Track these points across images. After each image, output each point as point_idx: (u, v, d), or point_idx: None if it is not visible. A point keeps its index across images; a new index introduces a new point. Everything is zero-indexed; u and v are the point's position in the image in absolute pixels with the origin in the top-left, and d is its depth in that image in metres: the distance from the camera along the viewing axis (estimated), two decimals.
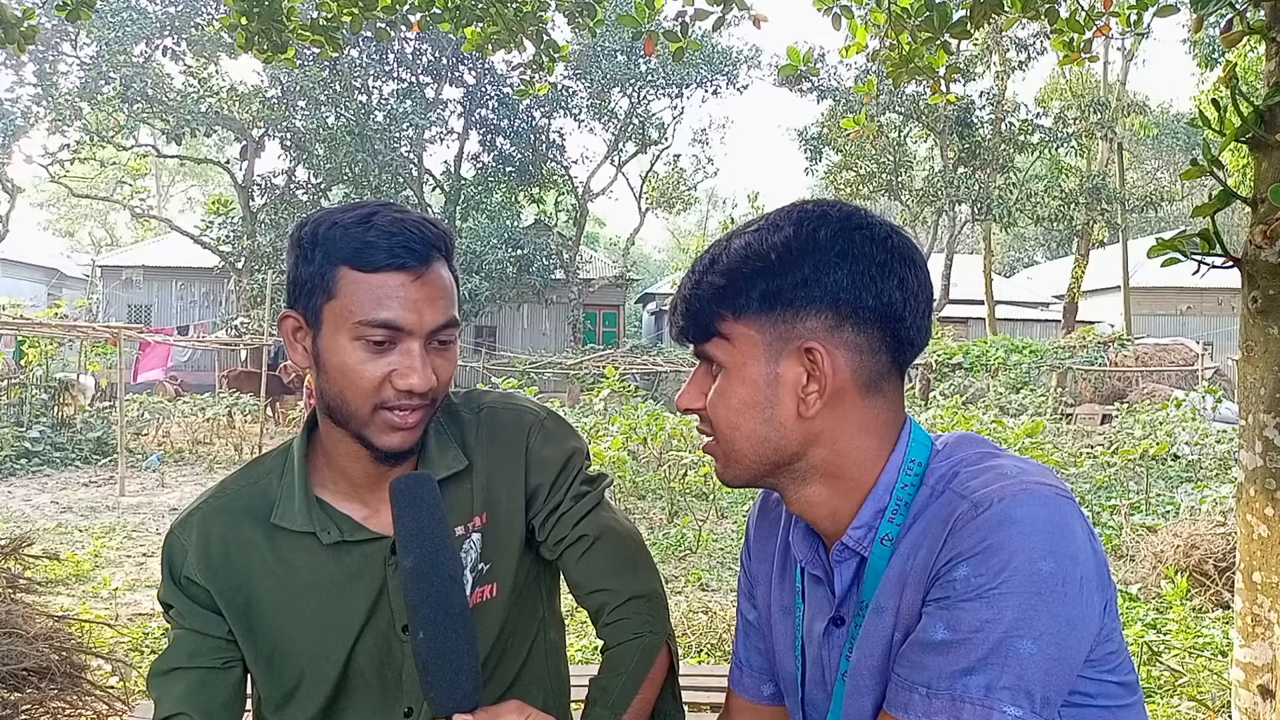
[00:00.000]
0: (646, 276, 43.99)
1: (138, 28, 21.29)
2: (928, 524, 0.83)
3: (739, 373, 0.87)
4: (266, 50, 3.55)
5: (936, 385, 17.15)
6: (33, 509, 8.50)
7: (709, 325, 0.89)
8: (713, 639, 4.49)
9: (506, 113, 26.18)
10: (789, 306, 0.85)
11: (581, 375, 19.38)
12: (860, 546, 0.88)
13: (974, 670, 0.74)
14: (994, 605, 0.74)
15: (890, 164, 23.74)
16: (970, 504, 0.79)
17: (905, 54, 3.22)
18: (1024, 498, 0.77)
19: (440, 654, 0.89)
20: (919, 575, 0.82)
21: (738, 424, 0.88)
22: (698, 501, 8.20)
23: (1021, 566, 0.74)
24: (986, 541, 0.76)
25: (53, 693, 2.77)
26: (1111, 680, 0.82)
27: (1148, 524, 6.59)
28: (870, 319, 0.85)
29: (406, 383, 1.01)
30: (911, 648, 0.79)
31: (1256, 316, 1.98)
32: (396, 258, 1.00)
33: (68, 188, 25.72)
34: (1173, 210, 33.43)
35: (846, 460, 0.88)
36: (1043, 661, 0.73)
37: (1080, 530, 0.77)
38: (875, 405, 0.88)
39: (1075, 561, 0.75)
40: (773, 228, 0.87)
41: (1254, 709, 2.02)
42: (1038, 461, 0.88)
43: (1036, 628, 0.73)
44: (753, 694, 1.09)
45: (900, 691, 0.79)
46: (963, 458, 0.87)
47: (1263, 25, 2.00)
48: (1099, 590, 0.77)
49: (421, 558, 0.92)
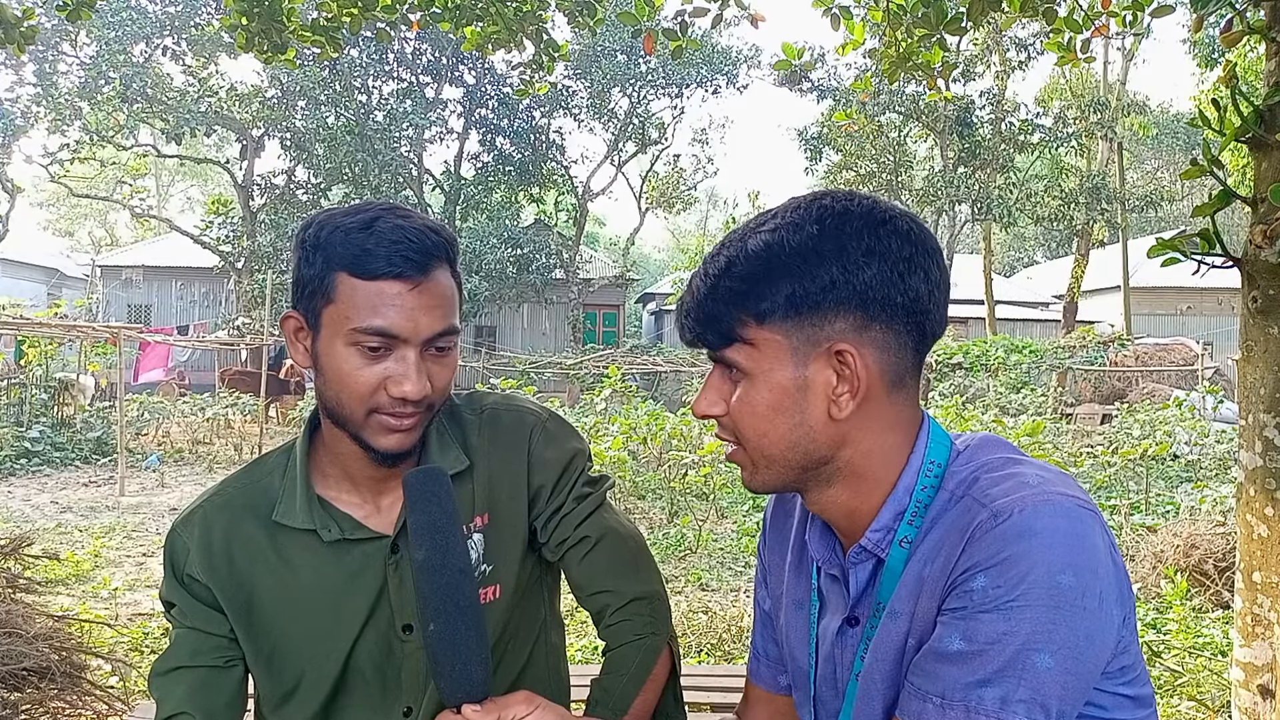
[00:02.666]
0: (646, 276, 43.98)
1: (138, 28, 21.29)
2: (946, 530, 0.82)
3: (765, 378, 0.84)
4: (266, 50, 3.55)
5: (936, 385, 17.14)
6: (33, 509, 8.50)
7: (729, 331, 0.85)
8: (713, 639, 4.49)
9: (506, 112, 26.17)
10: (816, 309, 0.82)
11: (581, 375, 19.39)
12: (878, 549, 0.87)
13: (989, 682, 0.73)
14: (1011, 618, 0.73)
15: (890, 164, 23.74)
16: (990, 513, 0.78)
17: (902, 51, 3.22)
18: (1045, 509, 0.76)
19: (451, 645, 0.90)
20: (935, 582, 0.81)
21: (766, 430, 0.86)
22: (698, 501, 8.20)
23: (1040, 579, 0.73)
24: (1005, 553, 0.74)
25: (53, 693, 2.77)
26: (1126, 693, 0.81)
27: (1148, 524, 6.60)
28: (898, 316, 0.83)
29: (400, 390, 1.01)
30: (926, 657, 0.78)
31: (1256, 316, 1.98)
32: (394, 266, 1.00)
33: (68, 188, 25.73)
34: (1173, 210, 33.43)
35: (871, 460, 0.86)
36: (1059, 675, 0.72)
37: (1102, 543, 0.76)
38: (899, 402, 0.86)
39: (1095, 575, 0.74)
40: (793, 227, 0.83)
41: (1254, 709, 2.02)
42: (1061, 470, 0.86)
43: (1054, 641, 0.72)
44: (769, 684, 1.09)
45: (913, 700, 0.78)
46: (984, 462, 0.85)
47: (1263, 25, 2.00)
48: (1118, 604, 0.76)
49: (433, 550, 0.93)
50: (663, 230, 56.01)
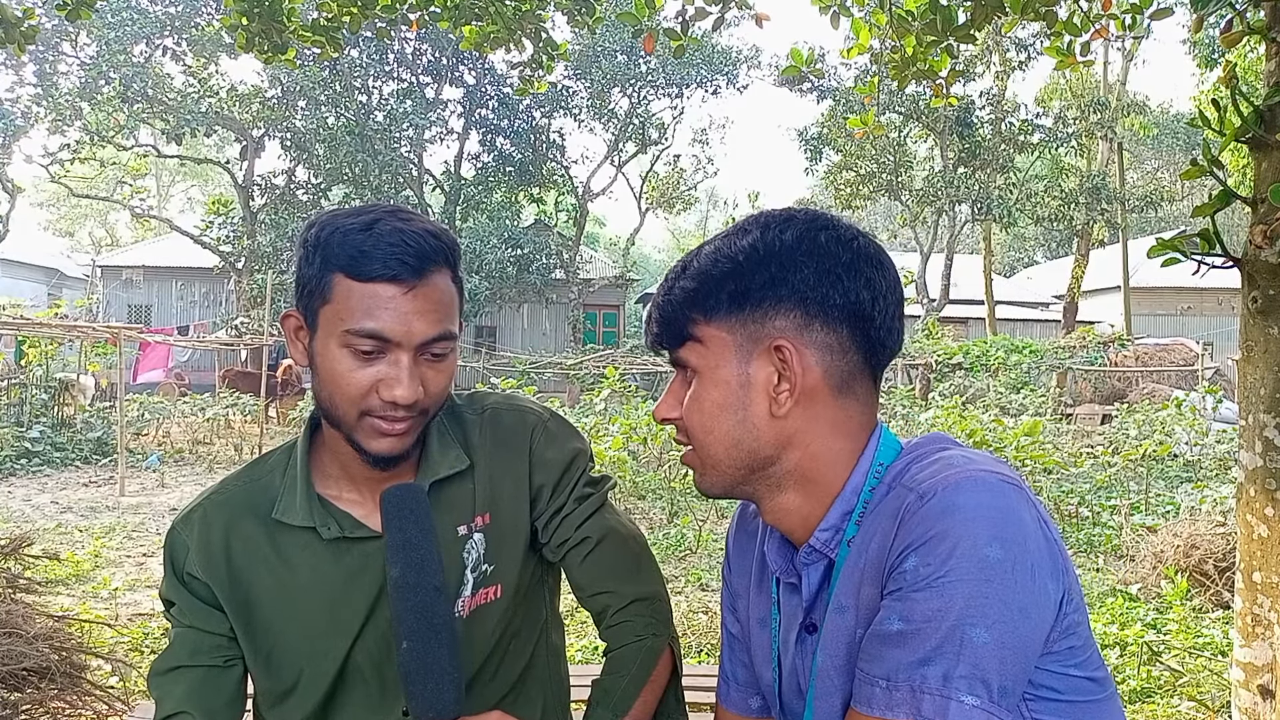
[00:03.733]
0: (646, 276, 43.95)
1: (138, 28, 21.30)
2: (878, 518, 0.84)
3: (711, 375, 0.88)
4: (267, 51, 3.55)
5: (936, 385, 17.15)
6: (33, 509, 8.50)
7: (681, 330, 0.90)
8: (713, 639, 4.49)
9: (506, 113, 26.18)
10: (758, 306, 0.86)
11: (581, 375, 19.39)
12: (827, 549, 0.88)
13: (930, 660, 0.73)
14: (944, 594, 0.73)
15: (890, 164, 23.75)
16: (917, 495, 0.79)
17: (908, 56, 3.22)
18: (967, 484, 0.77)
19: (423, 665, 0.90)
20: (874, 570, 0.82)
21: (711, 427, 0.89)
22: (698, 501, 8.20)
23: (967, 553, 0.73)
24: (932, 530, 0.75)
25: (53, 693, 2.77)
26: (1079, 675, 0.81)
27: (1148, 524, 6.59)
28: (839, 317, 0.86)
29: (392, 394, 1.01)
30: (870, 641, 0.79)
31: (1256, 316, 1.98)
32: (389, 269, 1.00)
33: (68, 188, 25.72)
34: (1173, 210, 33.43)
35: (820, 463, 0.88)
36: (996, 650, 0.72)
37: (1029, 517, 0.76)
38: (847, 406, 0.88)
39: (1024, 548, 0.74)
40: (740, 232, 0.89)
41: (1254, 709, 2.02)
42: (989, 453, 0.88)
43: (988, 615, 0.72)
44: (740, 707, 1.09)
45: (863, 686, 0.79)
46: (918, 454, 0.87)
47: (1263, 25, 2.00)
48: (1053, 578, 0.76)
49: (407, 568, 0.93)
50: (663, 230, 56.09)
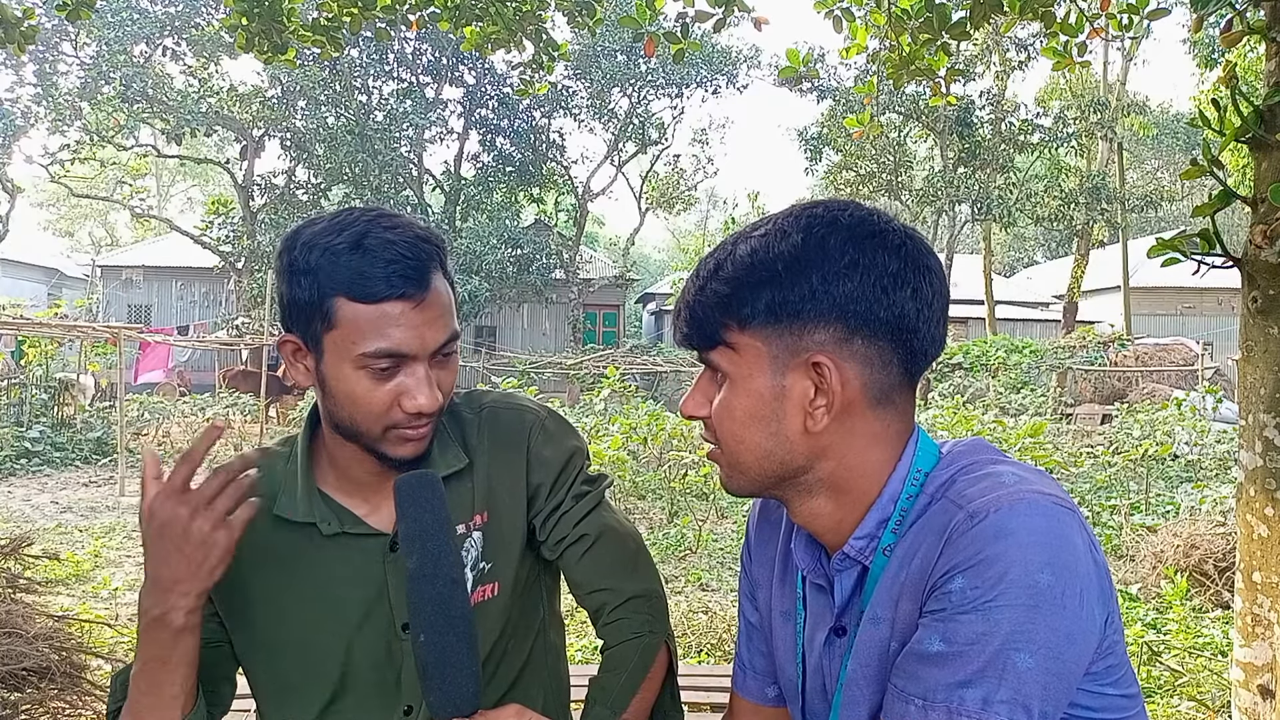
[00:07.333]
0: (646, 276, 44.00)
1: (138, 28, 21.30)
2: (923, 533, 0.82)
3: (744, 384, 0.85)
4: (267, 51, 3.55)
5: (936, 385, 17.15)
6: (33, 509, 8.50)
7: (714, 334, 0.86)
8: (713, 639, 4.49)
9: (506, 113, 26.18)
10: (796, 318, 0.82)
11: (581, 375, 19.40)
12: (862, 556, 0.86)
13: (970, 683, 0.72)
14: (990, 618, 0.72)
15: (890, 164, 23.75)
16: (966, 514, 0.77)
17: (905, 55, 3.22)
18: (1021, 508, 0.75)
19: (440, 657, 0.89)
20: (915, 585, 0.80)
21: (742, 437, 0.86)
22: (698, 501, 8.20)
23: (1018, 579, 0.72)
24: (983, 553, 0.74)
25: (53, 693, 2.77)
26: (1115, 693, 0.81)
27: (1148, 524, 6.59)
28: (882, 331, 0.82)
29: (416, 405, 1.01)
30: (908, 659, 0.78)
31: (1256, 316, 1.98)
32: (394, 287, 0.98)
33: (68, 188, 25.73)
34: (1173, 210, 33.44)
35: (854, 474, 0.86)
36: (1040, 675, 0.72)
37: (1080, 542, 0.75)
38: (885, 418, 0.85)
39: (1075, 574, 0.73)
40: (780, 234, 0.83)
41: (1254, 709, 2.02)
42: (1041, 469, 0.85)
43: (1034, 641, 0.72)
44: (756, 696, 1.09)
45: (896, 702, 0.78)
46: (963, 465, 0.85)
47: (1263, 25, 2.00)
48: (1100, 603, 0.75)
49: (424, 559, 0.92)
50: (663, 230, 56.05)
